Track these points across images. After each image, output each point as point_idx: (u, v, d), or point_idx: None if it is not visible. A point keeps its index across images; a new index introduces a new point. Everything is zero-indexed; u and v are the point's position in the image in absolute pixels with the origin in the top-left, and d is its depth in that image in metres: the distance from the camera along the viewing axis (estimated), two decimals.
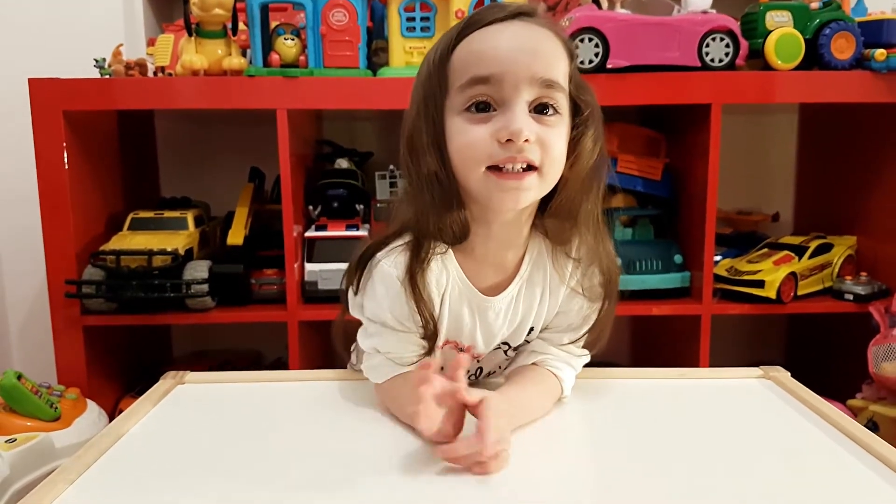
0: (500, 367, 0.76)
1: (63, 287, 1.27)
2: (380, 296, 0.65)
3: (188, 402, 0.74)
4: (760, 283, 1.30)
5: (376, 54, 1.35)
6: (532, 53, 0.59)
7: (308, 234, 1.36)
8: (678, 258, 1.35)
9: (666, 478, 0.55)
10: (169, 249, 1.27)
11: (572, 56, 0.63)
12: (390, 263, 0.64)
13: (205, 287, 1.28)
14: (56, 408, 1.15)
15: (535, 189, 0.61)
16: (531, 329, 0.72)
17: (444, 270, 0.66)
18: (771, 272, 1.31)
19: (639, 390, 0.75)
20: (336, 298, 1.33)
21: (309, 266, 1.35)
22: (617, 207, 1.42)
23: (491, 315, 0.68)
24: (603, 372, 0.79)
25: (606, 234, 0.69)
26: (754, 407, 0.71)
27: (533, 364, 0.71)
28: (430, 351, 0.66)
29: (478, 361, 0.74)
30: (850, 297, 1.34)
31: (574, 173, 0.63)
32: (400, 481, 0.54)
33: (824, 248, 1.40)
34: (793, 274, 1.33)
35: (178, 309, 1.31)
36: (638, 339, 1.70)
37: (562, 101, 0.61)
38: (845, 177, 1.51)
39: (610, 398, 0.74)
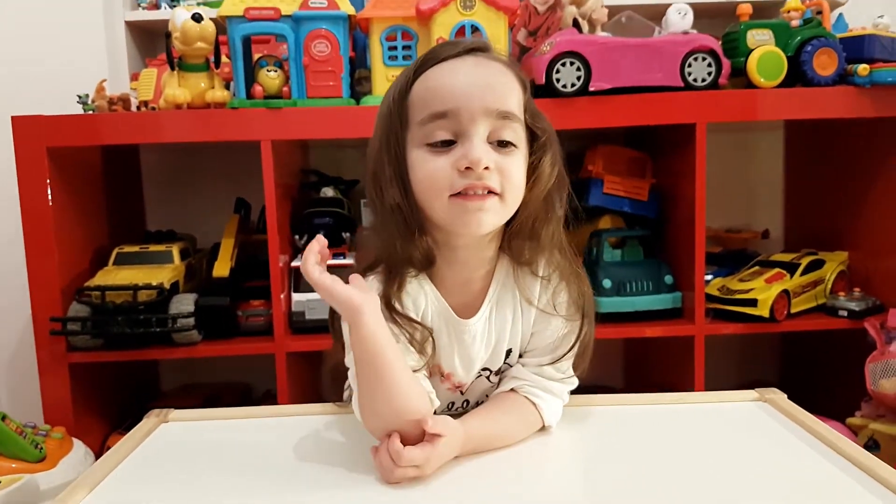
0: (486, 396, 0.74)
1: (48, 324, 1.25)
2: None
3: (172, 440, 0.73)
4: (753, 302, 1.29)
5: (359, 83, 1.36)
6: (486, 87, 0.62)
7: (295, 263, 1.35)
8: (669, 278, 1.34)
9: None
10: (154, 284, 1.26)
11: (525, 87, 0.66)
12: (376, 290, 0.66)
13: (191, 321, 1.27)
14: (41, 448, 1.13)
15: (495, 212, 0.63)
16: (509, 352, 0.71)
17: (420, 291, 0.67)
18: (763, 290, 1.30)
19: (633, 416, 0.74)
20: (324, 328, 1.33)
21: (296, 296, 1.33)
22: (605, 229, 1.42)
23: (467, 339, 0.69)
24: (597, 398, 0.78)
25: (574, 253, 0.70)
26: (751, 431, 0.69)
27: (511, 390, 0.71)
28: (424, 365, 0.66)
29: (461, 393, 0.73)
30: (845, 313, 1.32)
31: (534, 195, 0.65)
32: None
33: (816, 265, 1.39)
34: (785, 292, 1.31)
35: (164, 343, 1.30)
36: (631, 361, 1.68)
37: (518, 131, 0.64)
38: (834, 191, 1.51)
39: (604, 424, 0.72)
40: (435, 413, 0.64)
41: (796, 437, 0.66)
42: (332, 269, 1.41)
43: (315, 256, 0.61)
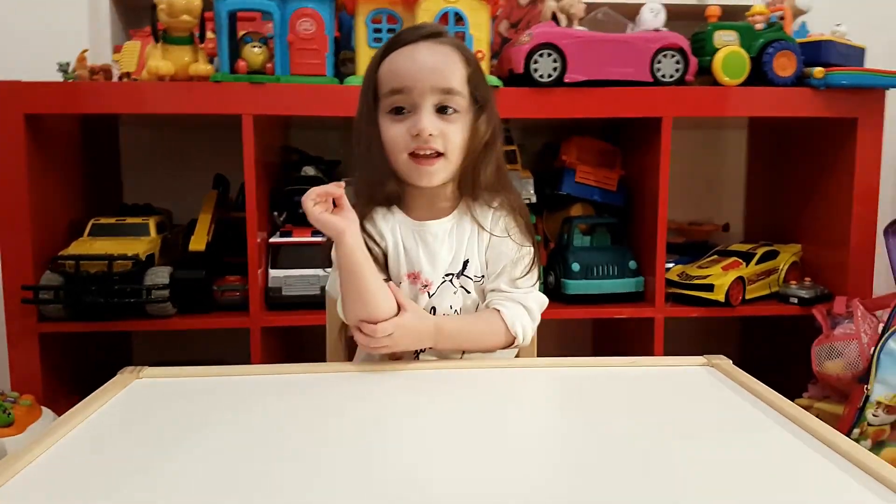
0: (450, 308, 0.86)
1: (19, 293, 1.24)
2: None
3: (144, 396, 0.72)
4: (710, 287, 1.36)
5: (344, 64, 1.38)
6: (432, 70, 0.79)
7: (273, 239, 1.36)
8: (633, 264, 1.40)
9: (608, 459, 0.56)
10: (129, 255, 1.27)
11: (470, 63, 0.82)
12: None
13: (165, 293, 1.28)
14: (9, 413, 1.13)
15: (442, 170, 0.82)
16: (467, 262, 0.86)
17: (388, 214, 0.87)
18: (720, 277, 1.38)
19: (588, 377, 0.78)
20: (301, 305, 1.35)
21: (273, 272, 1.35)
22: (576, 216, 1.47)
23: (429, 237, 0.85)
24: (553, 361, 0.82)
25: (515, 188, 0.90)
26: (699, 392, 0.74)
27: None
28: (387, 279, 0.84)
29: (429, 296, 0.85)
30: (795, 300, 1.41)
31: (472, 147, 0.82)
32: (360, 476, 0.54)
33: (771, 255, 1.47)
34: (741, 278, 1.39)
35: (138, 316, 1.30)
36: (599, 340, 1.75)
37: (460, 102, 0.81)
38: (790, 188, 1.60)
39: (562, 384, 0.76)
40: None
41: (740, 398, 0.71)
42: (310, 247, 1.42)
43: (316, 194, 0.75)
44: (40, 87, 1.24)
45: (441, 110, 0.80)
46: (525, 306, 0.85)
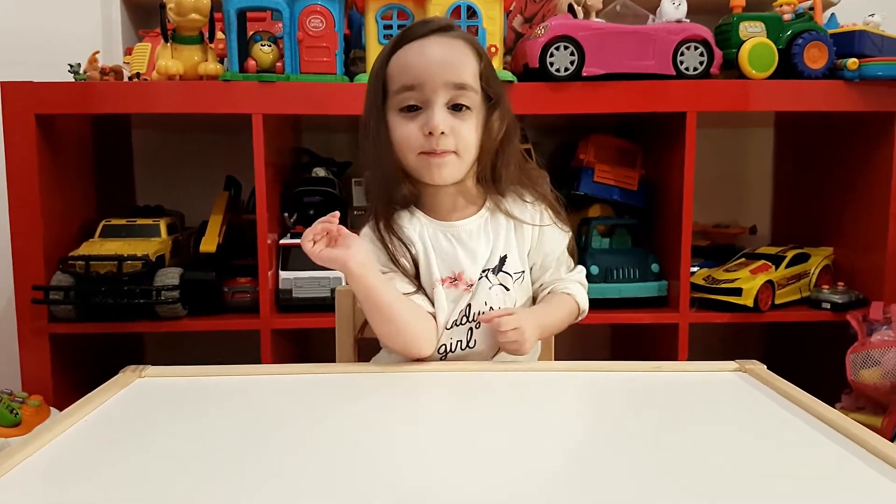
0: (484, 304, 0.82)
1: (30, 293, 1.24)
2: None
3: (146, 394, 0.70)
4: (738, 291, 1.30)
5: (354, 63, 1.36)
6: (444, 64, 0.76)
7: (283, 241, 1.34)
8: (655, 267, 1.34)
9: (640, 468, 0.52)
10: (139, 255, 1.25)
11: (482, 58, 0.79)
12: (369, 225, 0.84)
13: (175, 294, 1.26)
14: (17, 413, 1.12)
15: (454, 166, 0.78)
16: (504, 258, 0.83)
17: (413, 218, 0.83)
18: (748, 280, 1.31)
19: (615, 381, 0.73)
20: (312, 307, 1.33)
21: (283, 274, 1.33)
22: (595, 217, 1.42)
23: (464, 235, 0.82)
24: (579, 364, 0.77)
25: (539, 178, 0.87)
26: (731, 399, 0.69)
27: (549, 293, 0.87)
28: (418, 288, 0.81)
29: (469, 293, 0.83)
30: (828, 305, 1.33)
31: (488, 145, 0.80)
32: (359, 480, 0.51)
33: (801, 258, 1.40)
34: (770, 282, 1.32)
35: (148, 317, 1.29)
36: (618, 346, 1.69)
37: (472, 97, 0.78)
38: (821, 188, 1.52)
39: (585, 389, 0.72)
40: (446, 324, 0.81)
41: (777, 405, 0.65)
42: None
43: (313, 234, 0.74)
44: (51, 88, 1.24)
45: (454, 108, 0.77)
46: (580, 283, 0.87)
